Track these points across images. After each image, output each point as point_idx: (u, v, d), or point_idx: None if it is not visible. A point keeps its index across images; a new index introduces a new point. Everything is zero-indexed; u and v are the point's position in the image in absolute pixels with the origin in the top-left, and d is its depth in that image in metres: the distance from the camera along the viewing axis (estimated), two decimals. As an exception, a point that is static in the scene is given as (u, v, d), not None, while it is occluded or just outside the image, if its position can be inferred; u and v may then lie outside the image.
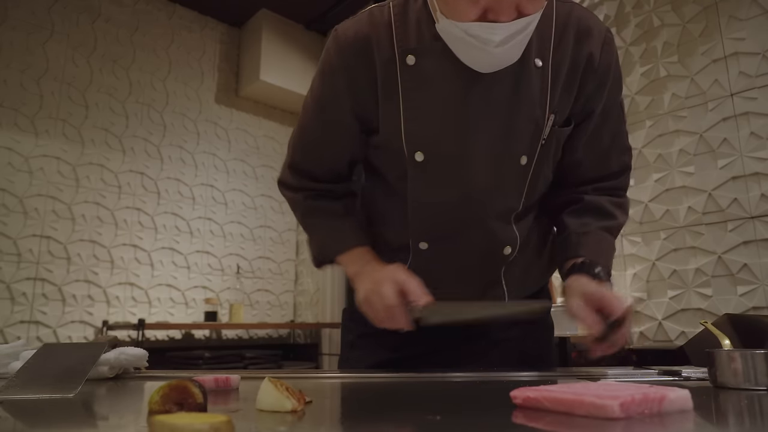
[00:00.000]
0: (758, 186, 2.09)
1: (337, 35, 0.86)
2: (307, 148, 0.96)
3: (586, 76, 0.85)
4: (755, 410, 0.50)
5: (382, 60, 0.82)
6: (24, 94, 3.16)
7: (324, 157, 0.95)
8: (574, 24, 0.84)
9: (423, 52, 0.80)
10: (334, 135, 0.91)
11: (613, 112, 0.91)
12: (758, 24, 2.18)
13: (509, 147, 0.83)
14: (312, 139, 0.94)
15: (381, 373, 0.87)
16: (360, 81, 0.84)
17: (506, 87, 0.80)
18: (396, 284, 0.80)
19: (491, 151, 0.83)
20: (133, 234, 3.49)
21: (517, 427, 0.43)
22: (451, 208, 0.86)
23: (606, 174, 0.95)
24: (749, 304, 2.06)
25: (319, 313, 4.01)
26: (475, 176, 0.84)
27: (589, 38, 0.84)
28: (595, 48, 0.84)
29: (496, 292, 0.93)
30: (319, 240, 0.97)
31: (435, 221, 0.88)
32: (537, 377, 0.80)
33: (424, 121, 0.82)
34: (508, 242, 0.89)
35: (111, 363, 0.81)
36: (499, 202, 0.87)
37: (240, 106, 4.19)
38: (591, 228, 0.90)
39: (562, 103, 0.85)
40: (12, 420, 0.49)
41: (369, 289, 0.82)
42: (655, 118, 2.44)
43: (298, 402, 0.50)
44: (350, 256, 0.92)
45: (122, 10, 3.67)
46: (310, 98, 0.92)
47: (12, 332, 2.94)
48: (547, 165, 0.90)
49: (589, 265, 0.84)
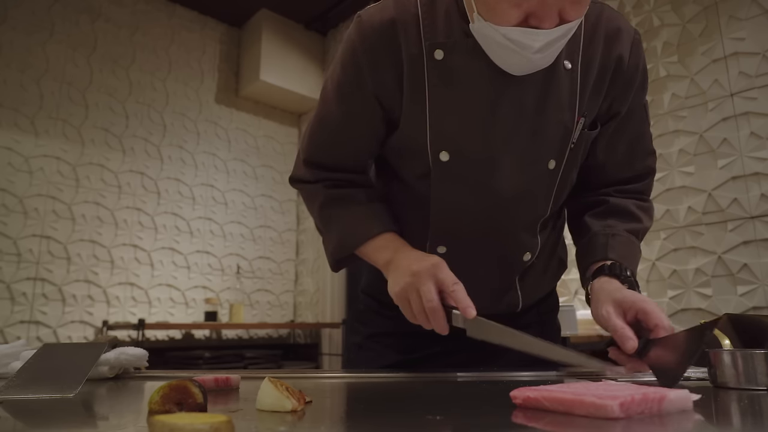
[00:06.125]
0: (758, 186, 2.09)
1: (361, 21, 0.80)
2: (325, 141, 0.89)
3: (615, 78, 0.83)
4: (755, 410, 0.50)
5: (408, 50, 0.78)
6: (24, 94, 3.16)
7: (344, 150, 0.88)
8: (603, 25, 0.82)
9: (452, 47, 0.77)
10: (356, 126, 0.85)
11: (638, 114, 0.89)
12: (758, 24, 2.18)
13: (538, 151, 0.80)
14: (332, 131, 0.87)
15: (381, 373, 0.87)
16: (384, 69, 0.79)
17: (536, 90, 0.78)
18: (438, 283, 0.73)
19: (519, 154, 0.80)
20: (133, 234, 3.49)
21: (517, 427, 0.43)
22: (474, 210, 0.83)
23: (630, 177, 0.92)
24: (749, 304, 2.06)
25: (319, 313, 4.01)
26: (502, 180, 0.80)
27: (619, 40, 0.82)
28: (624, 49, 0.83)
29: (510, 298, 0.91)
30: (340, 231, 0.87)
31: (457, 225, 0.84)
32: (537, 377, 0.80)
33: (450, 119, 0.79)
34: (529, 249, 0.87)
35: (111, 363, 0.81)
36: (526, 210, 0.84)
37: (240, 106, 4.19)
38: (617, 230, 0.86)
39: (591, 105, 0.83)
40: (12, 420, 0.49)
41: (407, 282, 0.74)
42: (655, 118, 2.44)
43: (298, 402, 0.50)
44: (379, 242, 0.83)
45: (122, 10, 3.67)
46: (330, 87, 0.85)
47: (12, 332, 2.94)
48: (574, 169, 0.87)
49: (619, 268, 0.79)
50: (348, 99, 0.83)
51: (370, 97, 0.82)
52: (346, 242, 0.86)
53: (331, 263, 0.90)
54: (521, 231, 0.85)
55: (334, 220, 0.88)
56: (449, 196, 0.83)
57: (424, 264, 0.74)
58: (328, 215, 0.89)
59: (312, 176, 0.90)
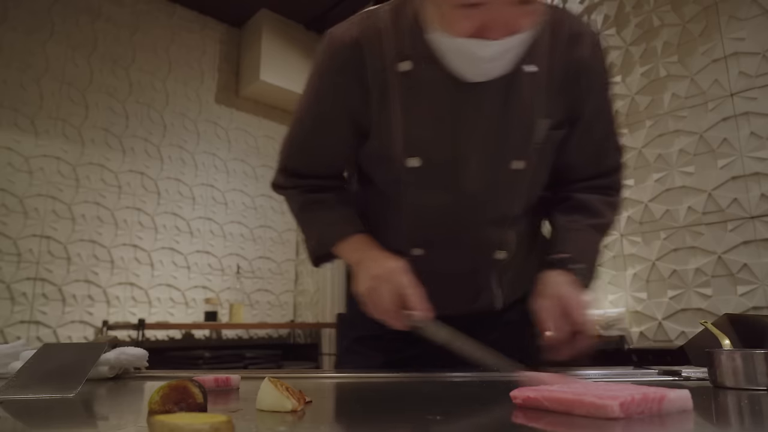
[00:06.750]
0: (758, 186, 2.10)
1: (330, 39, 0.86)
2: (299, 151, 0.96)
3: (579, 79, 0.86)
4: (755, 410, 0.50)
5: (374, 65, 0.83)
6: (24, 94, 3.16)
7: (317, 158, 0.95)
8: (565, 30, 0.86)
9: (415, 59, 0.81)
10: (327, 137, 0.92)
11: (603, 113, 0.92)
12: (758, 24, 2.18)
13: (501, 152, 0.84)
14: (305, 142, 0.94)
15: (381, 372, 0.87)
16: (352, 84, 0.84)
17: (498, 94, 0.82)
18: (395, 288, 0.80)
19: (484, 156, 0.84)
20: (133, 234, 3.49)
21: (517, 427, 0.43)
22: (445, 212, 0.87)
23: (597, 173, 0.95)
24: (749, 304, 2.06)
25: (319, 313, 4.01)
26: (467, 181, 0.85)
27: (580, 43, 0.86)
28: (586, 52, 0.86)
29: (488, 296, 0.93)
30: (317, 232, 0.95)
31: (429, 226, 0.89)
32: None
33: (416, 127, 0.83)
34: (502, 246, 0.90)
35: (111, 363, 0.81)
36: (494, 209, 0.87)
37: (240, 106, 4.19)
38: (579, 225, 0.91)
39: (556, 106, 0.86)
40: (12, 420, 0.49)
41: (369, 285, 0.82)
42: (655, 118, 2.44)
43: (298, 402, 0.50)
44: (350, 244, 0.91)
45: (122, 10, 3.67)
46: (303, 101, 0.92)
47: (12, 332, 2.94)
48: (543, 169, 0.90)
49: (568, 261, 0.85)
50: (318, 112, 0.90)
51: (339, 111, 0.88)
52: (322, 244, 0.94)
53: (312, 260, 0.98)
54: (491, 230, 0.88)
55: (312, 222, 0.96)
56: (419, 200, 0.87)
57: (384, 269, 0.82)
58: (306, 218, 0.97)
59: (289, 183, 0.98)
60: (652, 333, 2.33)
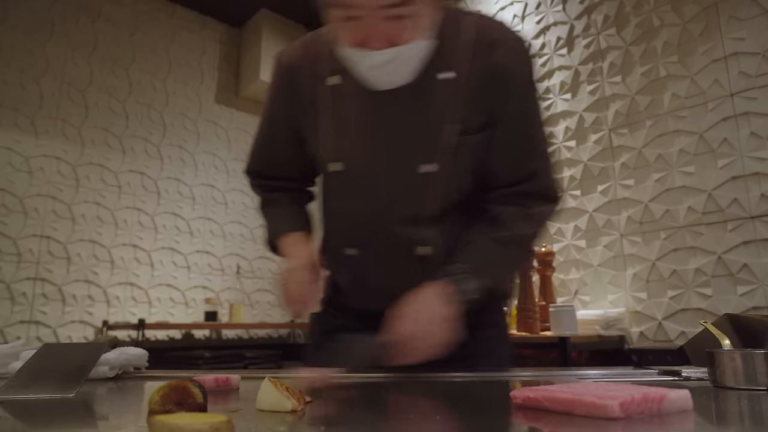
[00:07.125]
0: (758, 186, 2.09)
1: (274, 61, 1.03)
2: (259, 155, 1.10)
3: (498, 84, 0.87)
4: (755, 410, 0.50)
5: (307, 83, 0.95)
6: (24, 94, 3.16)
7: (273, 162, 1.08)
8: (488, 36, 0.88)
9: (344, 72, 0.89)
10: (278, 144, 1.05)
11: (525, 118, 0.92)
12: (758, 24, 2.18)
13: (407, 157, 0.89)
14: (262, 147, 1.09)
15: (381, 373, 0.87)
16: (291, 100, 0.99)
17: (404, 101, 0.87)
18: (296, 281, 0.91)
19: (394, 161, 0.89)
20: (133, 234, 3.49)
21: (517, 427, 0.43)
22: (362, 213, 0.93)
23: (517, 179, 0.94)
24: (749, 304, 2.06)
25: (319, 313, 4.01)
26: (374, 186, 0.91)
27: (503, 49, 0.87)
28: (508, 57, 0.88)
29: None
30: (268, 228, 1.09)
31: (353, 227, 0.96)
32: (537, 377, 0.80)
33: (339, 134, 0.93)
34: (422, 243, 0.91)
35: (111, 363, 0.81)
36: (403, 208, 0.91)
37: (240, 106, 4.19)
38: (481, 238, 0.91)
39: (471, 112, 0.88)
40: (12, 420, 0.49)
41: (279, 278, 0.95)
42: (655, 118, 2.44)
43: (298, 402, 0.50)
44: (287, 239, 1.03)
45: (122, 10, 3.67)
46: (262, 111, 1.07)
47: (12, 332, 2.94)
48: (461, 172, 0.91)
49: (452, 272, 0.85)
50: (269, 122, 1.06)
51: (283, 122, 1.03)
52: (270, 237, 1.07)
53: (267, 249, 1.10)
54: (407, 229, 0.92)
55: (267, 217, 1.10)
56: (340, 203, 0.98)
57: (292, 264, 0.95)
58: (263, 213, 1.11)
59: (255, 182, 1.13)
60: (652, 333, 2.33)
